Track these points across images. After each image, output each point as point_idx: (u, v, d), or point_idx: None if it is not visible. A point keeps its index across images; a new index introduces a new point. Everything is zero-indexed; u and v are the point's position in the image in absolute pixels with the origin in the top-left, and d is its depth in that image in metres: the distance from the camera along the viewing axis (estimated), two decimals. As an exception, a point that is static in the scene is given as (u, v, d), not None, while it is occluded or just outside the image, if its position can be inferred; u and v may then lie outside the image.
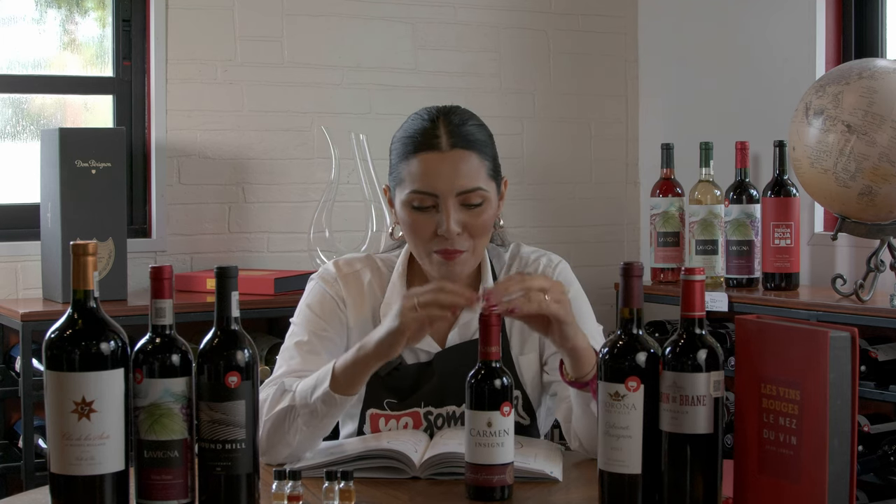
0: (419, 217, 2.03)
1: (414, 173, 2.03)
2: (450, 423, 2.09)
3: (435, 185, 2.01)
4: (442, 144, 2.02)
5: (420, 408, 2.08)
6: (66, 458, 1.59)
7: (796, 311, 3.13)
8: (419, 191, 2.02)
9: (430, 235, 2.03)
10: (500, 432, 1.71)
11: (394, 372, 2.08)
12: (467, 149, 2.03)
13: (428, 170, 2.01)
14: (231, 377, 1.63)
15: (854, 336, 1.56)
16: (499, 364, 1.73)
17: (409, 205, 2.03)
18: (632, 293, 1.68)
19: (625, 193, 4.31)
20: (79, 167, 3.18)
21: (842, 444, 1.55)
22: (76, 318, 1.61)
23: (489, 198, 2.04)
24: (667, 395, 1.64)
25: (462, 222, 2.02)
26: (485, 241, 2.08)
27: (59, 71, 3.64)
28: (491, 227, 2.09)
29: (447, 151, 2.02)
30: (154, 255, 3.60)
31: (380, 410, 2.09)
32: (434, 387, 2.09)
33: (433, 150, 2.02)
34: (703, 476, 1.63)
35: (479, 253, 2.08)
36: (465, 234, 2.03)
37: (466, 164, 2.02)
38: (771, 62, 3.76)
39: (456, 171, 2.01)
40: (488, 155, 2.07)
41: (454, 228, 2.00)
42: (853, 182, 2.96)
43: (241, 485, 1.65)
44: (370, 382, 2.00)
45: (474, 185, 2.02)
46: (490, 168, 2.06)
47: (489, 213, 2.05)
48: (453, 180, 2.00)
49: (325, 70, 3.83)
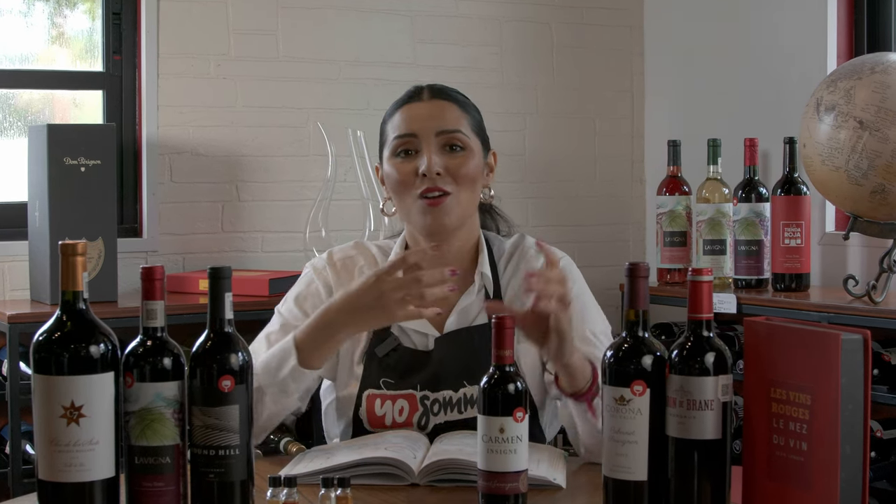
0: (402, 164, 2.15)
1: (397, 123, 2.17)
2: (445, 409, 2.12)
3: (415, 126, 2.15)
4: (423, 96, 2.20)
5: (416, 391, 2.12)
6: (54, 464, 1.59)
7: (807, 313, 3.13)
8: (400, 135, 2.15)
9: (412, 179, 2.13)
10: (513, 439, 1.70)
11: (392, 353, 2.14)
12: (447, 100, 2.19)
13: (409, 115, 2.17)
14: (224, 381, 1.63)
15: (866, 339, 1.56)
16: (513, 368, 1.73)
17: (394, 154, 2.16)
18: (637, 294, 1.68)
19: (630, 192, 4.31)
20: (67, 164, 3.18)
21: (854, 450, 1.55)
22: (65, 321, 1.61)
23: (471, 147, 2.16)
24: (673, 400, 1.64)
25: (443, 165, 2.13)
26: (470, 194, 2.15)
27: (47, 65, 3.64)
28: (476, 181, 2.16)
29: (428, 101, 2.19)
30: (145, 255, 3.60)
31: (376, 390, 2.13)
32: (431, 371, 2.13)
33: (415, 101, 2.19)
34: (710, 483, 1.63)
35: (464, 204, 2.15)
36: (448, 178, 2.12)
37: (446, 111, 2.17)
38: (781, 56, 3.76)
39: (436, 114, 2.16)
40: (470, 114, 2.20)
41: (434, 167, 2.11)
42: (865, 180, 2.96)
43: (235, 492, 1.65)
44: (368, 364, 2.11)
45: (454, 127, 2.15)
46: (472, 123, 2.19)
47: (473, 164, 2.15)
48: (432, 121, 2.15)
49: (321, 65, 3.83)
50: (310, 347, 2.03)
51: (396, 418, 2.11)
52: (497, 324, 1.74)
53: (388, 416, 2.12)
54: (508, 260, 2.24)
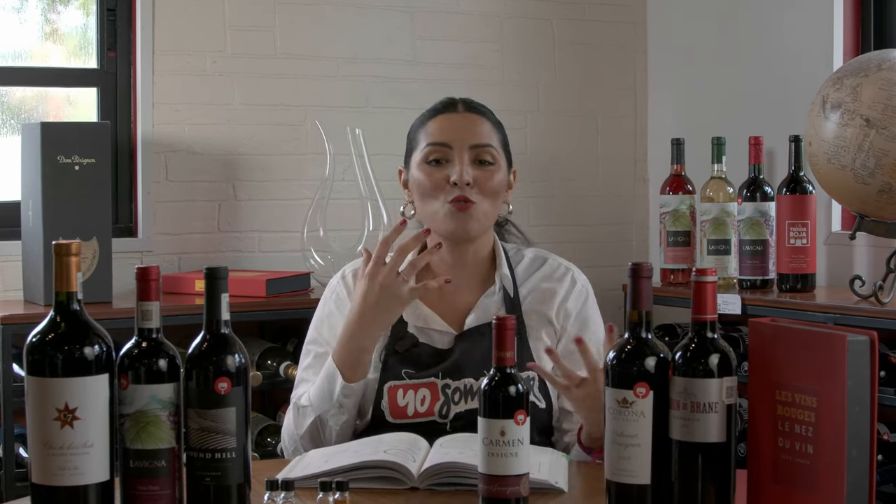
0: (433, 171, 2.27)
1: (430, 131, 2.31)
2: (466, 397, 2.20)
3: (449, 137, 2.28)
4: (458, 108, 2.34)
5: (438, 379, 2.22)
6: (48, 467, 1.59)
7: (812, 314, 3.13)
8: (434, 142, 2.28)
9: (443, 185, 2.26)
10: (514, 441, 1.70)
11: (412, 349, 2.25)
12: (480, 115, 2.34)
13: (444, 126, 2.31)
14: (221, 383, 1.63)
15: (873, 340, 1.56)
16: (514, 370, 1.73)
17: (425, 161, 2.28)
18: (640, 295, 1.68)
19: (633, 191, 4.31)
20: (61, 163, 3.18)
21: (860, 454, 1.55)
22: (59, 322, 1.61)
23: (499, 162, 2.30)
24: (677, 402, 1.64)
25: (474, 176, 2.25)
26: (493, 206, 2.29)
27: (40, 62, 3.64)
28: (500, 194, 2.30)
29: (462, 113, 2.33)
30: (140, 256, 3.60)
31: (398, 381, 2.22)
32: (452, 361, 2.23)
33: (450, 112, 2.33)
34: (715, 487, 1.64)
35: (489, 214, 2.28)
36: (475, 188, 2.25)
37: (480, 125, 2.32)
38: (786, 52, 3.76)
39: (470, 128, 2.30)
40: (499, 130, 2.35)
41: (466, 176, 2.24)
42: (872, 179, 2.96)
43: (232, 496, 1.65)
44: (387, 359, 2.24)
45: (486, 142, 2.30)
46: (501, 140, 2.34)
47: (499, 178, 2.29)
48: (467, 134, 2.29)
49: (319, 62, 3.83)
50: (347, 363, 2.19)
51: (418, 408, 2.21)
52: (498, 325, 1.74)
53: (411, 406, 2.21)
54: (529, 270, 2.36)
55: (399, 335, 2.26)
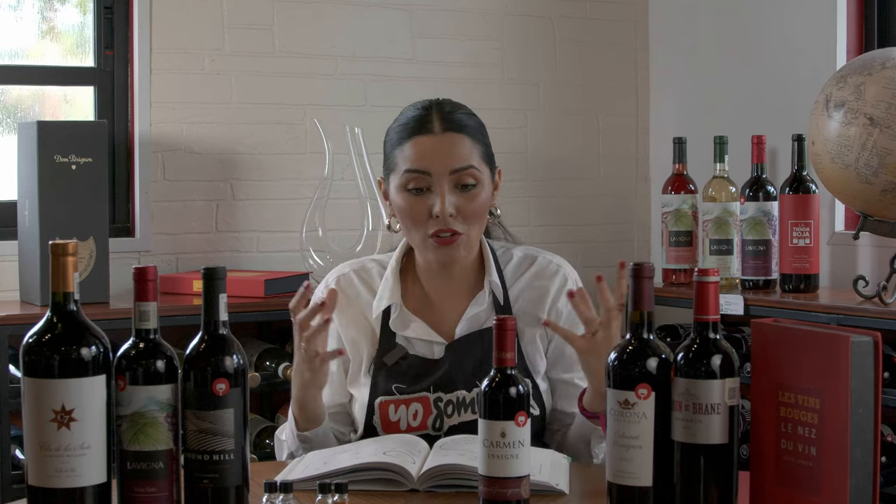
0: (414, 200, 2.19)
1: (408, 156, 2.20)
2: (459, 410, 2.17)
3: (428, 164, 2.18)
4: (435, 128, 2.21)
5: (430, 393, 2.18)
6: (44, 469, 1.59)
7: (816, 315, 3.13)
8: (413, 169, 2.19)
9: (424, 218, 2.18)
10: (515, 443, 1.70)
11: (401, 361, 2.21)
12: (459, 132, 2.22)
13: (422, 151, 2.19)
14: (219, 384, 1.63)
15: (877, 341, 1.56)
16: (514, 371, 1.73)
17: (404, 188, 2.20)
18: (642, 296, 1.68)
19: (635, 190, 4.31)
20: (58, 162, 3.18)
21: (864, 455, 1.55)
22: (55, 322, 1.61)
23: (482, 180, 2.21)
24: (679, 403, 1.64)
25: (456, 205, 2.18)
26: (479, 227, 2.23)
27: (37, 61, 3.64)
28: (485, 213, 2.24)
29: (440, 134, 2.20)
30: (137, 256, 3.60)
31: (389, 397, 2.19)
32: (443, 373, 2.19)
33: (426, 134, 2.21)
34: (717, 488, 1.64)
35: (474, 238, 2.23)
36: (458, 218, 2.18)
37: (459, 146, 2.20)
38: (789, 51, 3.76)
39: (449, 151, 2.19)
40: (480, 141, 2.25)
41: (448, 209, 2.16)
42: (876, 178, 2.96)
43: (230, 498, 1.65)
44: (376, 373, 2.18)
45: (466, 164, 2.19)
46: (482, 153, 2.24)
47: (483, 198, 2.21)
48: (446, 160, 2.18)
49: (318, 60, 3.83)
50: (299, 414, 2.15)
51: (411, 423, 2.17)
52: (498, 325, 1.74)
53: (403, 420, 2.17)
54: (519, 270, 2.31)
55: (387, 347, 2.22)
